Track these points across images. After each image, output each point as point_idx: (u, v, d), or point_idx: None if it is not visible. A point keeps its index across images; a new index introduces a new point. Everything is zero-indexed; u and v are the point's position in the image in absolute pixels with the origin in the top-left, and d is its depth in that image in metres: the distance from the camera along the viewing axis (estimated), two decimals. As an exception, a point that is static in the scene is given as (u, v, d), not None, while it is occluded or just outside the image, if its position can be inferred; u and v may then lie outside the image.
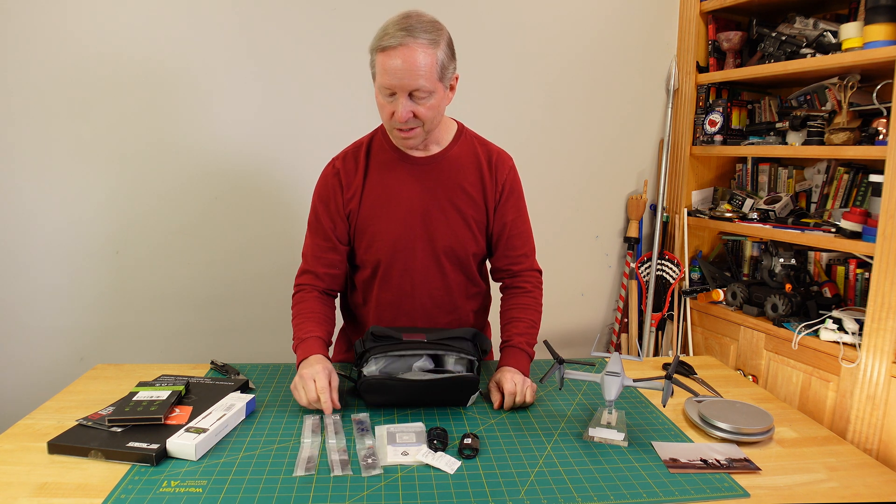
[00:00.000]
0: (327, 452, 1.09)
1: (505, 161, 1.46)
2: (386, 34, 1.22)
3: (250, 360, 2.27)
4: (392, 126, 1.31)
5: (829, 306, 2.14)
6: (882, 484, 1.06)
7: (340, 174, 1.41)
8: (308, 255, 1.45)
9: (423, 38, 1.22)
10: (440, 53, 1.25)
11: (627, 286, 2.73)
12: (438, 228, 1.40)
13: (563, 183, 2.61)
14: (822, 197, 2.35)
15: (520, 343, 1.40)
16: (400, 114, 1.25)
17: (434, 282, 1.44)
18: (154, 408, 1.14)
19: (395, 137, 1.35)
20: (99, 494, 0.94)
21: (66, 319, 2.15)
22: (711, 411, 1.22)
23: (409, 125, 1.28)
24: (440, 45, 1.25)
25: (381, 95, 1.28)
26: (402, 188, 1.39)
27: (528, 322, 1.44)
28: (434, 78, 1.25)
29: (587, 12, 2.52)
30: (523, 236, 1.49)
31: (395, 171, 1.40)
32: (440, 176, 1.41)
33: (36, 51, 1.99)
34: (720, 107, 2.54)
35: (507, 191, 1.45)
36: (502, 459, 1.09)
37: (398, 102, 1.25)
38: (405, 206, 1.39)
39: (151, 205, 2.17)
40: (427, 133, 1.33)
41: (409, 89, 1.23)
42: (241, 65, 2.17)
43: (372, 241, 1.41)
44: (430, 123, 1.31)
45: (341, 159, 1.43)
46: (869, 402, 1.86)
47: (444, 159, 1.41)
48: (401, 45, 1.20)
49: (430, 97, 1.26)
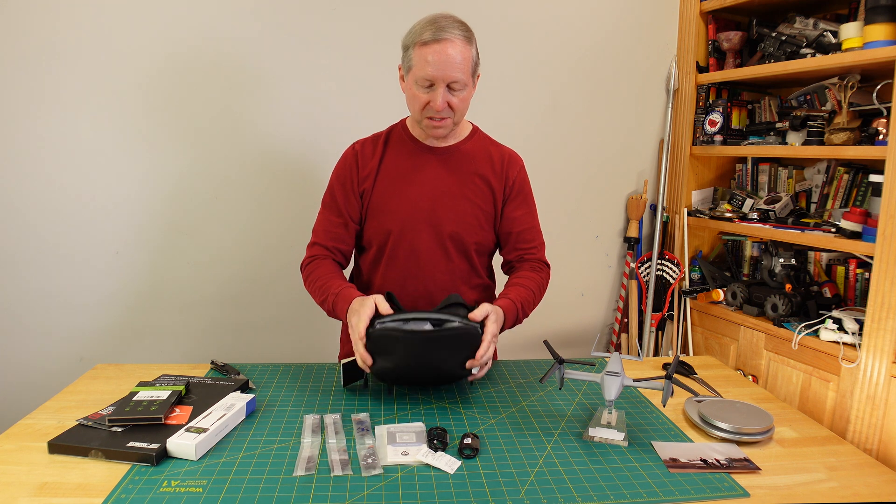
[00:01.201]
0: (327, 452, 1.09)
1: (516, 160, 1.54)
2: (424, 30, 1.31)
3: (250, 360, 2.28)
4: (424, 116, 1.39)
5: (829, 306, 2.14)
6: (882, 484, 1.06)
7: (358, 155, 1.49)
8: (318, 230, 1.51)
9: (461, 35, 1.32)
10: (473, 51, 1.36)
11: (627, 286, 2.74)
12: (446, 214, 1.46)
13: (563, 183, 2.61)
14: (822, 197, 2.35)
15: (516, 299, 1.40)
16: (438, 103, 1.34)
17: (438, 265, 1.48)
18: (154, 408, 1.15)
19: (425, 127, 1.42)
20: (99, 494, 0.94)
21: (66, 319, 2.15)
22: (711, 411, 1.22)
23: (443, 115, 1.37)
24: (472, 42, 1.36)
25: (416, 87, 1.35)
26: (416, 173, 1.47)
27: (529, 290, 1.45)
28: (469, 72, 1.35)
29: (587, 12, 2.52)
30: (533, 231, 1.56)
31: (410, 158, 1.48)
32: (453, 166, 1.48)
33: (34, 50, 1.99)
34: (720, 107, 2.54)
35: (516, 188, 1.52)
36: (502, 459, 1.09)
37: (436, 93, 1.34)
38: (416, 190, 1.46)
39: (151, 205, 2.17)
40: (455, 125, 1.43)
41: (448, 80, 1.32)
42: (239, 70, 2.17)
43: (382, 219, 1.47)
44: (459, 115, 1.40)
45: (361, 143, 1.52)
46: (869, 402, 1.86)
47: (457, 152, 1.50)
48: (443, 40, 1.30)
49: (463, 90, 1.36)
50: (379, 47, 2.27)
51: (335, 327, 1.71)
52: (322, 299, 1.40)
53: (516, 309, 1.39)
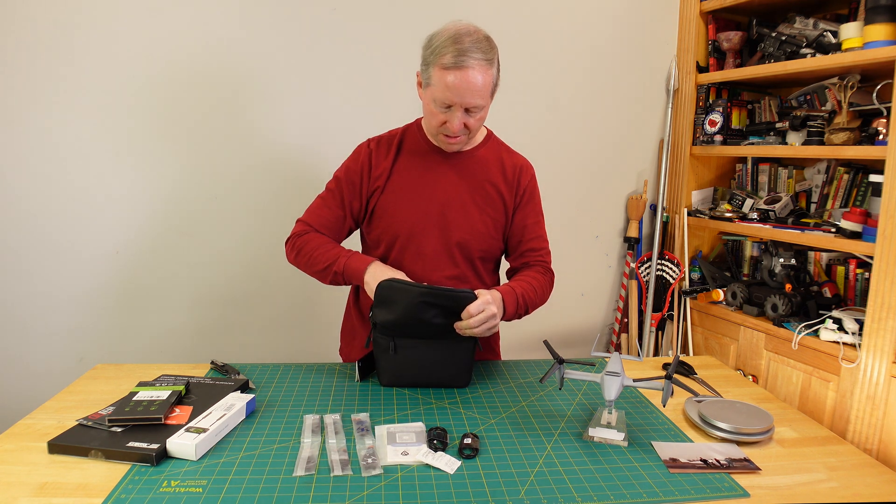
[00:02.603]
0: (327, 452, 1.09)
1: (527, 169, 1.55)
2: (446, 51, 1.28)
3: (250, 360, 2.28)
4: (440, 132, 1.39)
5: (829, 306, 2.14)
6: (882, 484, 1.06)
7: (373, 154, 1.49)
8: (310, 210, 1.51)
9: (483, 59, 1.29)
10: (494, 71, 1.34)
11: (627, 286, 2.73)
12: (455, 220, 1.46)
13: (563, 183, 2.61)
14: (822, 197, 2.35)
15: (516, 288, 1.41)
16: (455, 126, 1.35)
17: (444, 271, 1.48)
18: (154, 408, 1.15)
19: (439, 141, 1.43)
20: (99, 494, 0.94)
21: (66, 319, 2.15)
22: (711, 411, 1.22)
23: (458, 133, 1.38)
24: (494, 63, 1.34)
25: (434, 104, 1.35)
26: (428, 177, 1.47)
27: (531, 285, 1.45)
28: (488, 95, 1.35)
29: (587, 12, 2.52)
30: (541, 240, 1.56)
31: (423, 162, 1.48)
32: (465, 172, 1.48)
33: (36, 52, 1.99)
34: (720, 107, 2.54)
35: (527, 196, 1.53)
36: (502, 459, 1.09)
37: (453, 115, 1.34)
38: (427, 195, 1.46)
39: (152, 205, 2.17)
40: (469, 139, 1.44)
41: (466, 106, 1.33)
42: (240, 70, 2.17)
43: (391, 221, 1.47)
44: (475, 132, 1.42)
45: (376, 142, 1.51)
46: (869, 402, 1.86)
47: (471, 158, 1.50)
48: (465, 67, 1.27)
49: (481, 110, 1.36)
50: (381, 49, 2.27)
51: (335, 327, 1.71)
52: (329, 262, 1.40)
53: (516, 296, 1.39)
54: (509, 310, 1.37)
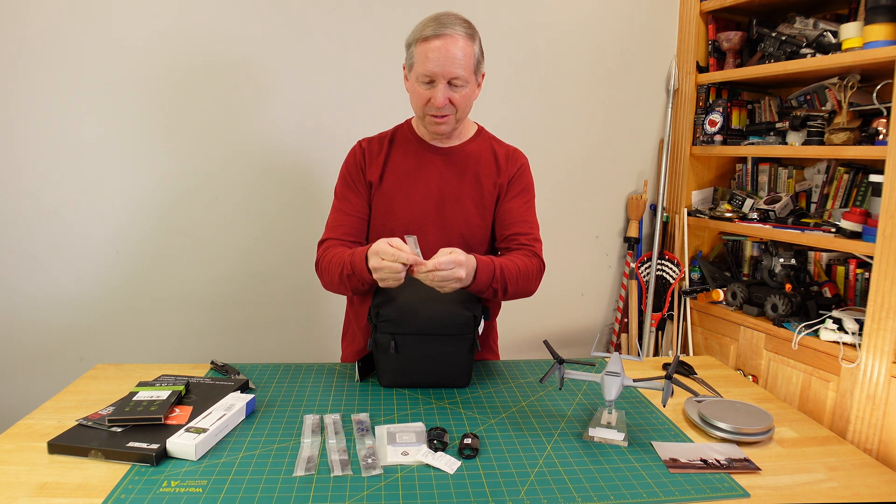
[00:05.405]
0: (327, 452, 1.09)
1: (519, 157, 1.54)
2: (426, 27, 1.32)
3: (250, 360, 2.28)
4: (426, 112, 1.39)
5: (829, 306, 2.14)
6: (882, 484, 1.06)
7: (365, 152, 1.51)
8: (328, 226, 1.50)
9: (462, 31, 1.33)
10: (476, 48, 1.36)
11: (627, 286, 2.73)
12: (451, 215, 1.47)
13: (563, 183, 2.61)
14: (822, 197, 2.35)
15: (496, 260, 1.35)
16: (438, 99, 1.34)
17: None
18: (154, 408, 1.15)
19: (427, 124, 1.42)
20: (99, 494, 0.94)
21: (66, 319, 2.15)
22: (711, 411, 1.22)
23: (444, 111, 1.37)
24: (475, 39, 1.37)
25: (418, 84, 1.36)
26: (421, 173, 1.47)
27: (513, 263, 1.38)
28: (470, 69, 1.35)
29: (587, 12, 2.52)
30: (529, 225, 1.50)
31: (415, 158, 1.49)
32: (457, 167, 1.48)
33: (35, 50, 1.99)
34: (720, 107, 2.54)
35: (515, 179, 1.51)
36: (502, 459, 1.09)
37: (437, 89, 1.34)
38: (422, 191, 1.46)
39: (152, 204, 2.17)
40: (457, 122, 1.42)
41: (448, 77, 1.33)
42: (241, 69, 2.17)
43: (387, 218, 1.47)
44: (461, 112, 1.40)
45: (367, 141, 1.53)
46: (869, 402, 1.86)
47: (462, 152, 1.50)
48: (444, 35, 1.30)
49: (465, 86, 1.36)
50: (381, 47, 2.27)
51: (335, 327, 1.71)
52: (341, 268, 1.35)
53: (493, 267, 1.32)
54: (482, 279, 1.30)
